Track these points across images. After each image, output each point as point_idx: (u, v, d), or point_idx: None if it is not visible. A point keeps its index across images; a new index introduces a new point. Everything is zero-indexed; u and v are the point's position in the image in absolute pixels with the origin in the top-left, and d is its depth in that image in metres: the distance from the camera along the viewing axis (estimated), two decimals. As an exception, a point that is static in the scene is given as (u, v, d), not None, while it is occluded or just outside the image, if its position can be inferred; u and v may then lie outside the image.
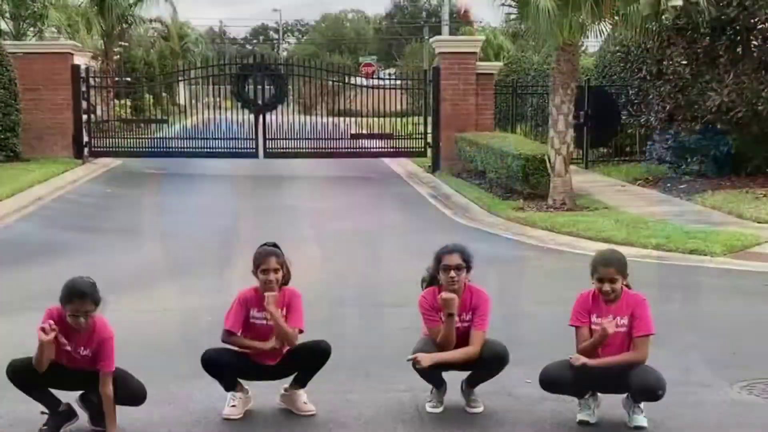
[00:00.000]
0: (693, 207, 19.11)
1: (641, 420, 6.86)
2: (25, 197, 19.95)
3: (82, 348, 6.52)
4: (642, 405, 6.88)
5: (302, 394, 7.32)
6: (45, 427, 6.65)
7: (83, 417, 6.91)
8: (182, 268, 13.33)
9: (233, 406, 7.21)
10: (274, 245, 7.39)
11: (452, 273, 7.02)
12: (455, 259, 7.08)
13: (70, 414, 6.80)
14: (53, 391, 6.75)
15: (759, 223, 16.82)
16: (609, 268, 6.82)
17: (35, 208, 19.11)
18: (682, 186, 21.57)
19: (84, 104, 27.88)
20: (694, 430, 6.81)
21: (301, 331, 7.22)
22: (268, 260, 7.12)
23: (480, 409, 7.32)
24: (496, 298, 11.06)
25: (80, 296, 6.32)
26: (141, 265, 13.10)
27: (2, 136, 25.51)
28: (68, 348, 6.52)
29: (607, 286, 6.77)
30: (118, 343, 6.67)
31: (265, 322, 7.16)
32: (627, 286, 6.93)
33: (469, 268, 7.20)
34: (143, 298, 11.49)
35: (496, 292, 11.33)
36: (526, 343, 9.20)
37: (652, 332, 6.81)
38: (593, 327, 6.85)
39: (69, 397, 6.84)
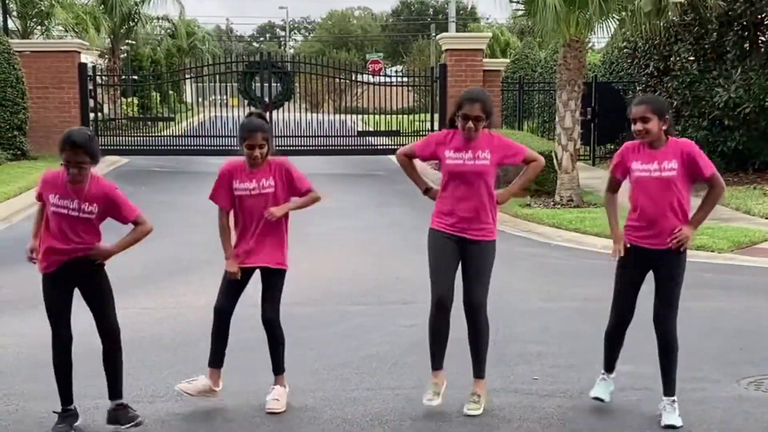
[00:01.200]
0: (697, 202, 19.00)
1: (675, 419, 6.76)
2: (32, 196, 19.78)
3: (87, 204, 6.30)
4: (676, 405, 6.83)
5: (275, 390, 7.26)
6: (60, 426, 6.55)
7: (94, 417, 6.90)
8: (191, 265, 13.36)
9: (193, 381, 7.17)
10: (260, 116, 7.30)
11: (470, 123, 6.74)
12: (475, 110, 6.74)
13: (77, 415, 6.70)
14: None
15: (767, 219, 16.81)
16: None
17: (37, 208, 18.98)
18: (690, 182, 21.49)
19: (91, 102, 28.01)
20: (701, 426, 6.79)
21: (310, 191, 7.16)
22: (255, 136, 6.93)
23: (478, 412, 7.09)
24: (503, 294, 11.13)
25: (72, 145, 6.07)
26: (150, 262, 13.07)
27: (10, 135, 25.59)
28: (72, 208, 6.35)
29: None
30: (130, 338, 6.63)
31: (248, 192, 7.02)
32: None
33: (489, 118, 6.86)
34: (155, 293, 11.57)
35: (502, 289, 11.39)
36: (532, 340, 9.21)
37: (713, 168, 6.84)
38: (636, 174, 6.78)
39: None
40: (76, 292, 6.61)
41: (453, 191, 6.99)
